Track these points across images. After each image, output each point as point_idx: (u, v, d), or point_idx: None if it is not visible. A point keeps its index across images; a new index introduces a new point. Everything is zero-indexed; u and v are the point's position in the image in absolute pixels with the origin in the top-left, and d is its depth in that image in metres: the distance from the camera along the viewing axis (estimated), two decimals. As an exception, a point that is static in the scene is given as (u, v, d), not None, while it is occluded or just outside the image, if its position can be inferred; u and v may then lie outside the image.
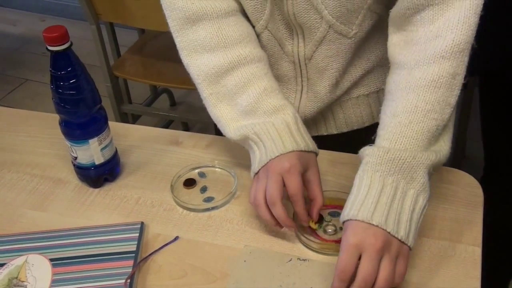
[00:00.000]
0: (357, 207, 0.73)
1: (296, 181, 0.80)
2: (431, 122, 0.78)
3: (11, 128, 1.10)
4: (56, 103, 0.87)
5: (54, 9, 3.43)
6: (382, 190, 0.74)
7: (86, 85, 0.86)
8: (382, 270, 0.70)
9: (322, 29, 0.90)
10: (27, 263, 0.80)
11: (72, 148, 0.91)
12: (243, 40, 0.90)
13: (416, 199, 0.75)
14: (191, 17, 0.89)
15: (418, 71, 0.79)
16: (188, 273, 0.79)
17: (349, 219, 0.73)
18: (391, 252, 0.71)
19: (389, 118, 0.80)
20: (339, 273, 0.71)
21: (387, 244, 0.71)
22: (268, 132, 0.84)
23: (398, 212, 0.73)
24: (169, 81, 2.05)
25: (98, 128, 0.90)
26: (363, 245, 0.70)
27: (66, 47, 0.82)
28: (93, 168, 0.92)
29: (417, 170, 0.75)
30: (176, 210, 0.90)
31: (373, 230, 0.71)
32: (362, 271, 0.70)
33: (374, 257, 0.70)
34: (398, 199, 0.74)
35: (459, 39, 0.77)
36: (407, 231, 0.73)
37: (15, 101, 2.80)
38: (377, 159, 0.76)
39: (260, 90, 0.87)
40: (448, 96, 0.79)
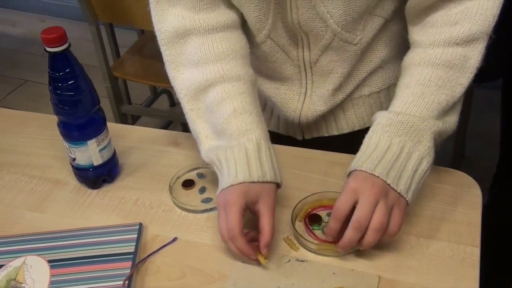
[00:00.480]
0: (362, 160, 0.78)
1: (232, 217, 0.77)
2: (442, 97, 0.82)
3: (10, 129, 1.10)
4: (55, 104, 0.87)
5: (53, 10, 3.43)
6: (388, 149, 0.79)
7: (85, 86, 0.86)
8: (376, 213, 0.74)
9: (327, 37, 0.91)
10: (25, 264, 0.80)
11: (70, 149, 0.91)
12: (225, 57, 0.89)
13: (420, 161, 0.79)
14: (179, 31, 0.90)
15: (433, 51, 0.84)
16: (186, 274, 0.79)
17: (354, 170, 0.78)
18: (388, 200, 0.75)
19: (402, 89, 0.84)
20: (335, 211, 0.76)
21: (384, 192, 0.75)
22: (227, 160, 0.83)
23: (401, 170, 0.78)
24: (169, 82, 2.04)
25: (97, 129, 0.90)
26: (361, 189, 0.75)
27: (64, 48, 0.82)
28: (91, 169, 0.92)
29: (424, 134, 0.80)
30: (174, 211, 0.90)
31: (373, 179, 0.76)
32: (357, 212, 0.75)
33: (370, 200, 0.74)
34: (403, 159, 0.78)
35: (476, 28, 0.82)
36: (406, 186, 0.77)
37: (14, 102, 2.80)
38: (387, 121, 0.81)
39: (230, 111, 0.85)
40: (460, 77, 0.84)
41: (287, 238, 0.81)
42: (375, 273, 0.76)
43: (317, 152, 0.98)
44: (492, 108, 2.40)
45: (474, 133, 2.20)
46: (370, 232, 0.75)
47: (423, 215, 0.85)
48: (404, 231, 0.82)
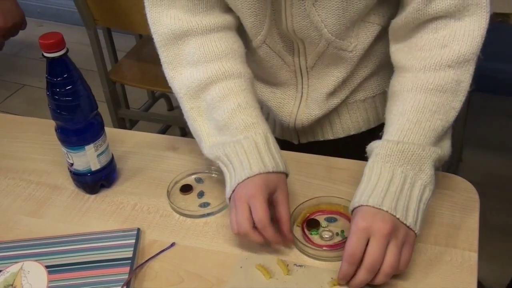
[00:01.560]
0: (367, 194, 0.76)
1: (260, 208, 0.78)
2: (437, 123, 0.81)
3: (7, 134, 1.10)
4: (52, 109, 0.87)
5: (51, 14, 3.43)
6: (391, 180, 0.77)
7: (82, 92, 0.86)
8: (388, 256, 0.73)
9: (321, 45, 0.91)
10: (22, 270, 0.80)
11: (68, 154, 0.91)
12: (225, 55, 0.90)
13: (424, 190, 0.77)
14: (176, 33, 0.90)
15: (425, 75, 0.83)
16: (184, 280, 0.79)
17: (360, 205, 0.76)
18: (398, 238, 0.73)
19: (397, 116, 0.83)
20: (348, 256, 0.73)
21: (394, 230, 0.73)
22: (237, 154, 0.83)
23: (407, 201, 0.76)
24: (167, 86, 2.00)
25: (94, 135, 0.90)
26: (371, 229, 0.73)
27: (62, 53, 0.82)
28: (89, 174, 0.92)
29: (425, 162, 0.78)
30: (172, 216, 0.90)
31: (382, 215, 0.74)
32: (370, 255, 0.72)
33: (382, 241, 0.72)
34: (407, 189, 0.76)
35: (465, 50, 0.81)
36: (415, 218, 0.75)
37: (12, 107, 2.80)
38: (387, 151, 0.79)
39: (234, 106, 0.86)
40: (453, 101, 0.83)
41: (279, 260, 0.80)
42: (373, 278, 0.76)
43: (314, 156, 0.98)
44: (488, 112, 2.41)
45: (472, 137, 2.21)
46: (381, 276, 0.73)
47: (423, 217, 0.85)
48: (402, 236, 0.82)
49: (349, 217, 0.85)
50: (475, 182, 0.92)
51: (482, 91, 2.31)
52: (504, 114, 2.41)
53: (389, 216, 0.74)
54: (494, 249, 1.82)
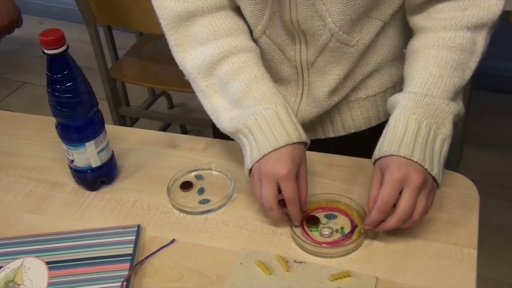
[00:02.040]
0: (397, 144, 0.79)
1: (292, 187, 0.81)
2: (456, 79, 0.85)
3: (8, 131, 1.10)
4: (53, 106, 0.87)
5: (52, 12, 3.43)
6: (418, 132, 0.80)
7: (83, 88, 0.86)
8: (419, 205, 0.76)
9: (324, 37, 0.91)
10: (23, 266, 0.80)
11: (68, 151, 0.91)
12: (234, 31, 0.91)
13: (443, 143, 0.81)
14: (182, 15, 0.91)
15: (446, 34, 0.86)
16: (184, 276, 0.79)
17: (390, 155, 0.78)
18: (427, 189, 0.77)
19: (419, 71, 0.86)
20: (381, 204, 0.76)
21: (425, 181, 0.77)
22: (259, 125, 0.84)
23: (432, 153, 0.79)
24: (167, 84, 2.05)
25: (95, 131, 0.90)
26: (406, 180, 0.76)
27: (62, 50, 0.82)
28: (89, 171, 0.92)
29: (447, 117, 0.82)
30: (172, 213, 0.90)
31: (414, 166, 0.77)
32: (404, 204, 0.76)
33: (415, 192, 0.76)
34: (431, 141, 0.80)
35: (483, 15, 0.86)
36: (438, 170, 0.79)
37: (13, 104, 2.80)
38: (414, 103, 0.81)
39: (250, 77, 0.88)
40: (469, 60, 0.87)
41: (279, 257, 0.80)
42: (373, 274, 0.77)
43: (314, 154, 0.98)
44: (489, 110, 2.41)
45: (472, 135, 2.21)
46: (410, 222, 0.77)
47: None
48: (402, 233, 0.82)
49: (349, 214, 0.86)
50: (475, 180, 0.92)
51: (482, 89, 2.32)
52: (504, 112, 2.41)
53: (419, 167, 0.77)
54: (494, 246, 1.83)
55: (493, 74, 2.44)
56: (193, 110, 2.61)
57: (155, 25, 0.96)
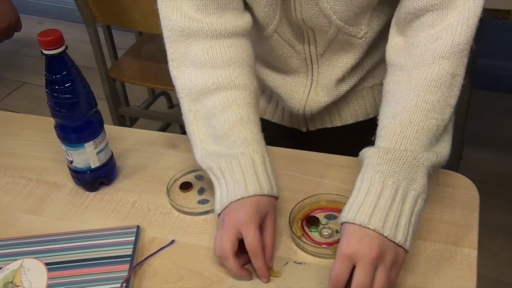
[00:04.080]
0: (355, 210, 0.72)
1: (253, 235, 0.76)
2: (431, 122, 0.78)
3: (7, 131, 1.10)
4: (52, 107, 0.87)
5: (51, 12, 3.43)
6: (381, 192, 0.73)
7: (82, 89, 0.86)
8: (377, 281, 0.69)
9: (331, 32, 0.92)
10: (22, 267, 0.80)
11: (67, 152, 0.91)
12: (233, 64, 0.88)
13: (416, 201, 0.74)
14: (185, 32, 0.88)
15: (418, 72, 0.80)
16: (184, 277, 0.79)
17: (347, 222, 0.72)
18: (386, 262, 0.70)
19: (389, 118, 0.79)
20: (333, 282, 0.70)
21: (382, 253, 0.70)
22: (232, 170, 0.81)
23: (398, 215, 0.72)
24: (167, 84, 2.02)
25: (94, 132, 0.90)
26: (356, 255, 0.69)
27: (61, 51, 0.82)
28: (89, 171, 0.92)
29: (417, 171, 0.74)
30: (172, 213, 0.90)
31: (368, 239, 0.70)
32: (355, 283, 0.69)
33: (368, 268, 0.69)
34: (398, 202, 0.73)
35: (458, 39, 0.78)
36: (405, 234, 0.72)
37: (12, 104, 2.80)
38: (377, 160, 0.75)
39: (236, 118, 0.84)
40: (448, 96, 0.79)
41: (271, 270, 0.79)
42: (373, 275, 0.76)
43: (313, 154, 0.98)
44: (489, 109, 2.41)
45: (472, 134, 2.21)
46: None
47: (421, 217, 0.84)
48: (401, 233, 0.82)
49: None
50: (475, 179, 0.92)
51: (482, 89, 2.32)
52: (505, 111, 2.41)
53: (376, 238, 0.70)
54: (494, 246, 1.82)
55: (493, 73, 2.44)
56: (193, 110, 2.61)
57: (155, 25, 0.95)
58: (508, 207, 1.97)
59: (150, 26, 1.82)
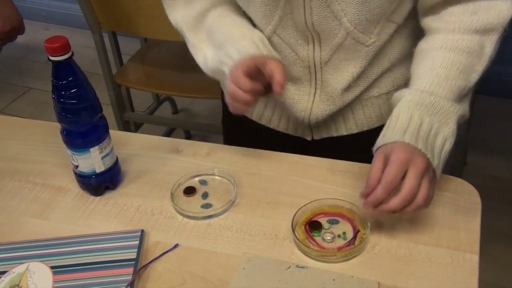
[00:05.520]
0: (402, 132, 0.81)
1: (235, 75, 0.88)
2: (462, 82, 0.87)
3: (13, 136, 1.11)
4: (58, 112, 0.88)
5: (57, 18, 3.46)
6: (420, 126, 0.82)
7: (87, 95, 0.87)
8: (422, 189, 0.78)
9: (340, 36, 0.92)
10: (28, 270, 0.81)
11: (73, 156, 0.92)
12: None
13: (445, 142, 0.83)
14: (198, 16, 1.00)
15: (453, 37, 0.88)
16: (187, 281, 0.80)
17: (395, 141, 0.80)
18: (429, 176, 0.79)
19: (426, 71, 0.88)
20: (386, 183, 0.77)
21: (428, 167, 0.79)
22: (237, 49, 0.93)
23: (432, 146, 0.81)
24: (172, 89, 2.06)
25: (99, 137, 0.91)
26: (411, 162, 0.78)
27: (67, 57, 0.83)
28: (94, 176, 0.93)
29: (450, 117, 0.84)
30: (176, 218, 0.90)
31: (419, 152, 0.79)
32: (408, 184, 0.77)
33: (420, 174, 0.77)
34: (432, 137, 0.82)
35: (493, 19, 0.87)
36: (439, 163, 0.82)
37: (18, 110, 2.82)
38: (419, 99, 0.84)
39: (230, 21, 0.97)
40: (476, 64, 0.88)
41: None
42: (375, 280, 0.77)
43: (316, 159, 0.99)
44: (493, 115, 2.41)
45: (476, 140, 2.21)
46: (414, 207, 0.78)
47: (423, 222, 0.85)
48: (404, 238, 0.82)
49: (351, 220, 0.86)
50: (479, 185, 0.92)
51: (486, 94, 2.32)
52: (508, 117, 2.41)
53: (423, 156, 0.79)
54: (498, 252, 1.82)
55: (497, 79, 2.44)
56: (197, 115, 2.62)
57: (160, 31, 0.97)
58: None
59: (155, 32, 1.83)
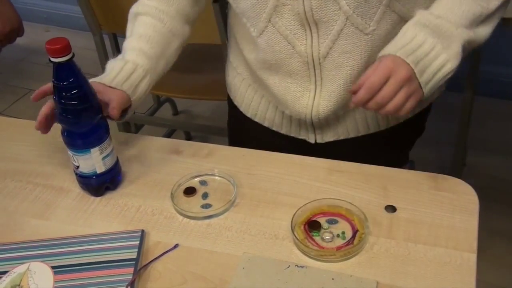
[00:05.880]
0: (398, 48, 0.89)
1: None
2: (478, 8, 0.91)
3: (14, 137, 1.12)
4: (59, 113, 0.88)
5: (57, 19, 3.46)
6: (421, 45, 0.88)
7: (88, 96, 0.88)
8: (396, 97, 0.86)
9: (339, 22, 0.92)
10: (29, 270, 0.82)
11: (74, 157, 0.92)
12: None
13: (445, 63, 0.88)
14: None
15: None
16: (187, 280, 0.80)
17: (389, 54, 0.88)
18: (410, 88, 0.87)
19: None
20: (369, 84, 0.85)
21: (411, 79, 0.86)
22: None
23: (426, 65, 0.88)
24: (172, 91, 2.06)
25: (100, 138, 0.91)
26: (394, 70, 0.86)
27: (68, 58, 0.84)
28: (94, 176, 0.94)
29: (454, 41, 0.89)
30: (176, 218, 0.91)
31: (406, 66, 0.87)
32: (385, 91, 0.85)
33: (398, 83, 0.85)
34: (431, 57, 0.88)
35: None
36: (427, 80, 0.89)
37: (19, 111, 2.82)
38: (426, 21, 0.90)
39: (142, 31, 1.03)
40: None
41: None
42: (373, 279, 0.77)
43: (316, 159, 0.99)
44: (492, 116, 2.42)
45: (475, 141, 2.21)
46: (383, 111, 0.87)
47: (421, 221, 0.86)
48: (402, 237, 0.83)
49: (350, 219, 0.87)
50: (478, 186, 0.92)
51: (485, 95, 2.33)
52: (508, 118, 2.41)
53: (410, 68, 0.86)
54: (498, 253, 1.82)
55: (496, 80, 2.45)
56: (198, 116, 2.62)
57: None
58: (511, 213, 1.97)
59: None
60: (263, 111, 1.14)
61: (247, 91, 1.15)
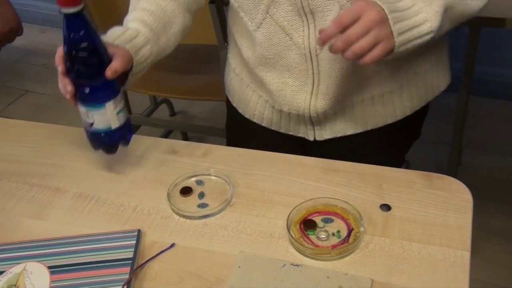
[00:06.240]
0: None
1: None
2: None
3: (10, 138, 1.12)
4: (71, 68, 0.88)
5: (54, 20, 3.46)
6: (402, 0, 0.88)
7: (100, 47, 0.88)
8: (364, 39, 0.82)
9: (334, 12, 0.93)
10: (25, 270, 0.82)
11: (88, 113, 0.91)
12: None
13: (424, 22, 0.88)
14: None
15: None
16: (184, 279, 0.81)
17: None
18: (380, 32, 0.84)
19: None
20: (340, 18, 0.82)
21: (382, 24, 0.83)
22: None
23: (404, 18, 0.87)
24: (169, 92, 2.06)
25: (113, 91, 0.91)
26: (366, 10, 0.83)
27: (79, 9, 0.84)
28: (109, 132, 0.94)
29: (436, 1, 0.88)
30: (172, 217, 0.91)
31: (380, 10, 0.84)
32: (352, 29, 0.82)
33: (367, 24, 0.82)
34: (411, 12, 0.87)
35: None
36: (401, 31, 0.86)
37: (15, 113, 2.82)
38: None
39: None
40: None
41: None
42: (368, 277, 0.78)
43: (311, 159, 1.00)
44: (487, 116, 2.43)
45: (470, 141, 2.23)
46: (349, 52, 0.83)
47: (416, 220, 0.86)
48: (396, 236, 0.84)
49: (345, 218, 0.87)
50: (474, 185, 0.93)
51: (480, 95, 2.34)
52: (503, 118, 2.43)
53: (383, 13, 0.84)
54: (493, 251, 1.83)
55: (491, 80, 2.46)
56: (195, 117, 2.62)
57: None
58: (507, 213, 1.98)
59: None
60: (261, 111, 1.14)
61: (245, 92, 1.16)
